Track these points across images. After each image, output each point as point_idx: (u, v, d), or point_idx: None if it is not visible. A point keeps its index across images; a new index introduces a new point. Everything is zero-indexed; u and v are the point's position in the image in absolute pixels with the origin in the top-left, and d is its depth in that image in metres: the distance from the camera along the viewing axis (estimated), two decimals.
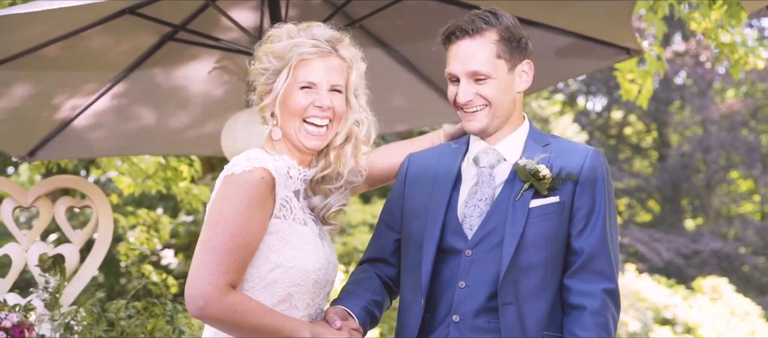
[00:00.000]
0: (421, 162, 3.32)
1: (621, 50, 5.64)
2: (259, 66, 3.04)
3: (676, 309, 17.70)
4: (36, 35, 4.91)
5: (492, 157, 3.16)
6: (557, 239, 3.05)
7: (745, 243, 25.45)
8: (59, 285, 4.90)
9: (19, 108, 5.59)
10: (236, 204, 2.79)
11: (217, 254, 2.76)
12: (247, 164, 2.84)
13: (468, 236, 3.08)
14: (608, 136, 29.13)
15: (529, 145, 3.18)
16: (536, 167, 3.05)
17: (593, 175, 3.08)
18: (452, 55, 3.13)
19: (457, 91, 3.12)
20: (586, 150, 3.13)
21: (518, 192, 3.06)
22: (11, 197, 5.41)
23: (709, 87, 25.99)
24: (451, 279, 3.08)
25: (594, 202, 3.06)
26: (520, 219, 3.02)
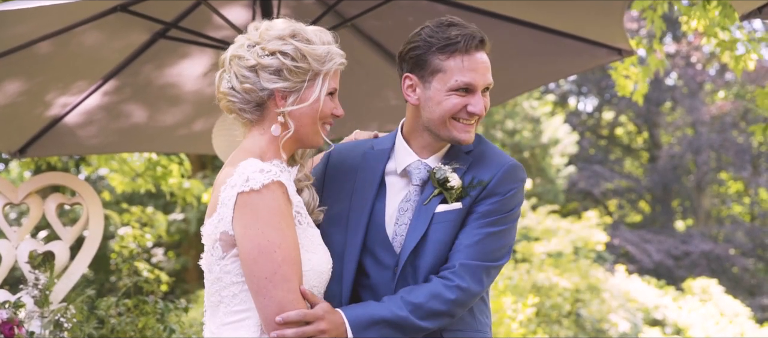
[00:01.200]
0: (342, 159, 3.24)
1: (613, 51, 5.66)
2: (288, 63, 2.91)
3: (665, 310, 17.73)
4: (27, 32, 4.90)
5: (424, 173, 3.11)
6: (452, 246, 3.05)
7: (735, 244, 25.54)
8: (49, 282, 4.88)
9: (10, 104, 5.58)
10: (276, 225, 2.75)
11: (291, 283, 2.74)
12: (263, 178, 2.76)
13: (397, 251, 3.06)
14: (599, 136, 29.21)
15: (453, 151, 3.14)
16: (446, 175, 3.02)
17: (499, 189, 3.03)
18: (469, 64, 3.03)
19: (470, 102, 3.04)
20: (504, 162, 3.09)
21: (427, 197, 3.04)
22: (1, 194, 5.40)
23: (699, 88, 26.08)
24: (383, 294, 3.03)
25: (491, 211, 3.02)
26: (422, 224, 3.01)
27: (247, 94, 2.92)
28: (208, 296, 2.93)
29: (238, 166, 2.83)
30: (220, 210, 2.82)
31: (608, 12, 5.30)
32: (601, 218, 23.46)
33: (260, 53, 2.92)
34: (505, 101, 9.45)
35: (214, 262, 2.86)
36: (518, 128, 22.51)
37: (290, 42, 2.92)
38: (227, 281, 2.85)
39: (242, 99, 2.94)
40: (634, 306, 17.35)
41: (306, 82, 2.93)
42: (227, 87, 2.95)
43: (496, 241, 3.03)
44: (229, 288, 2.85)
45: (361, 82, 6.30)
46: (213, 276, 2.88)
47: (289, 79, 2.91)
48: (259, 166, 2.79)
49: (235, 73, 2.94)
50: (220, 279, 2.85)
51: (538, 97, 23.80)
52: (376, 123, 6.95)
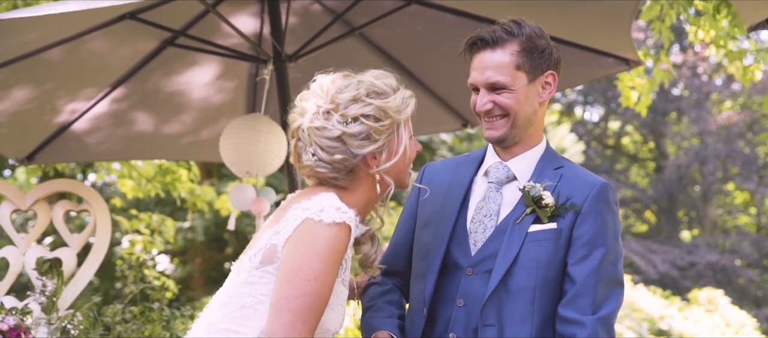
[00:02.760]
0: (436, 171, 3.33)
1: (620, 61, 5.66)
2: (375, 124, 2.87)
3: (671, 321, 17.69)
4: (36, 39, 4.91)
5: (501, 173, 3.15)
6: (551, 266, 3.01)
7: (741, 255, 25.48)
8: (56, 289, 4.89)
9: (19, 111, 5.59)
10: (325, 259, 2.71)
11: (302, 314, 2.70)
12: (337, 216, 2.74)
13: (471, 252, 3.08)
14: (605, 146, 29.18)
15: (541, 166, 3.15)
16: (541, 194, 3.03)
17: (596, 207, 3.03)
18: (473, 64, 3.13)
19: (476, 99, 3.13)
20: (595, 181, 3.08)
21: (520, 215, 3.05)
22: (9, 200, 5.41)
23: (706, 98, 26.05)
24: (451, 296, 3.08)
25: (594, 233, 3.01)
26: (516, 243, 3.01)
27: (338, 164, 2.87)
28: (221, 292, 2.91)
29: (317, 195, 2.81)
30: (281, 224, 2.80)
31: (616, 22, 5.30)
32: None
33: (341, 120, 2.86)
34: None
35: (247, 267, 2.84)
36: None
37: (368, 102, 2.88)
38: (246, 291, 2.82)
39: (333, 168, 2.88)
40: (640, 316, 17.31)
41: (392, 136, 2.93)
42: (312, 160, 2.89)
43: (611, 280, 3.03)
44: (242, 299, 2.82)
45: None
46: (239, 278, 2.85)
47: (378, 139, 2.89)
48: (338, 204, 2.77)
49: (320, 146, 2.87)
50: (242, 286, 2.82)
51: None
52: None
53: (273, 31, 5.44)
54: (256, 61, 5.74)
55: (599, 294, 2.97)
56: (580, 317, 2.95)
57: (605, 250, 3.00)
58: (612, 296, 3.00)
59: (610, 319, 2.98)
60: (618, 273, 3.05)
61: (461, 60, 3.15)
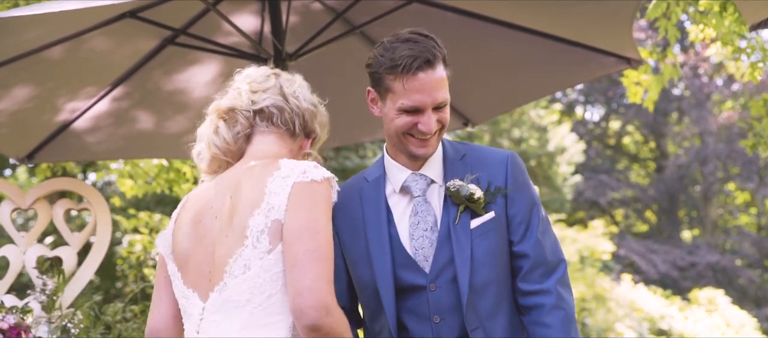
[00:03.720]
0: (342, 204, 3.20)
1: (622, 60, 5.65)
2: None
3: (672, 321, 17.72)
4: (36, 38, 4.91)
5: (422, 183, 3.12)
6: (503, 252, 3.08)
7: (742, 255, 25.48)
8: (57, 288, 4.89)
9: (19, 110, 5.58)
10: (325, 213, 2.80)
11: (325, 264, 2.73)
12: (319, 173, 2.84)
13: (425, 269, 3.05)
14: (606, 145, 29.19)
15: (448, 161, 3.16)
16: (469, 189, 3.04)
17: (518, 182, 3.12)
18: (414, 86, 2.99)
19: (419, 121, 3.02)
20: (504, 156, 3.15)
21: (455, 216, 3.05)
22: (9, 199, 5.41)
23: (707, 98, 26.06)
24: (424, 314, 3.06)
25: (525, 205, 3.11)
26: (465, 243, 3.02)
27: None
28: (232, 293, 2.84)
29: (279, 162, 2.89)
30: (269, 200, 2.82)
31: (617, 21, 5.30)
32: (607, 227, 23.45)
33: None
34: (512, 110, 9.44)
35: (256, 258, 2.81)
36: (525, 137, 22.50)
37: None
38: (266, 279, 2.81)
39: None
40: (640, 315, 17.33)
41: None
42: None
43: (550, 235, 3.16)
44: (266, 289, 2.81)
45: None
46: (250, 273, 2.81)
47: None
48: (310, 163, 2.88)
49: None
50: (259, 276, 2.80)
51: (545, 105, 23.80)
52: (384, 129, 6.96)
53: (273, 29, 5.43)
54: (257, 59, 5.73)
55: (548, 257, 3.09)
56: (541, 286, 3.06)
57: (538, 216, 3.12)
58: (555, 248, 3.13)
59: (565, 276, 3.12)
60: (547, 224, 3.17)
61: (462, 59, 3.13)
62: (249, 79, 3.15)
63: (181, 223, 2.99)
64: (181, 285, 2.93)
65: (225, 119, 3.11)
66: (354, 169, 17.46)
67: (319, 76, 6.24)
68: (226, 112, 3.11)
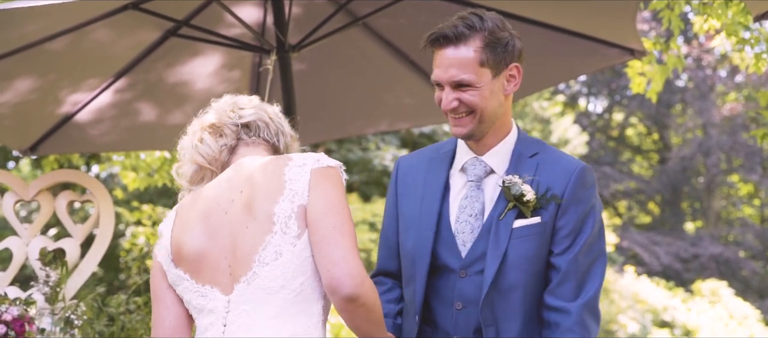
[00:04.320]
0: (410, 165, 3.29)
1: (625, 51, 5.64)
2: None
3: (675, 312, 17.73)
4: (39, 29, 4.91)
5: (479, 169, 3.12)
6: (538, 260, 3.02)
7: (745, 247, 25.48)
8: (60, 279, 4.89)
9: (22, 102, 5.58)
10: (344, 195, 2.89)
11: (353, 238, 2.80)
12: (333, 161, 2.94)
13: (461, 253, 3.06)
14: (609, 137, 29.17)
15: (516, 155, 3.13)
16: (522, 190, 3.00)
17: (576, 196, 3.04)
18: (436, 61, 3.06)
19: (442, 96, 3.07)
20: (573, 167, 3.07)
21: (503, 211, 3.04)
22: (12, 191, 5.41)
23: (710, 90, 26.02)
24: (448, 298, 3.07)
25: (576, 221, 3.03)
26: (502, 241, 3.00)
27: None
28: (264, 281, 2.84)
29: (291, 155, 2.95)
30: (290, 187, 2.86)
31: (620, 12, 5.28)
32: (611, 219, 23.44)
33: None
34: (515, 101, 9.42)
35: (287, 244, 2.83)
36: (528, 128, 22.48)
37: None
38: (298, 265, 2.83)
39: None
40: (643, 307, 17.34)
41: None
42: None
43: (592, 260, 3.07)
44: (298, 276, 2.83)
45: (373, 81, 6.29)
46: (283, 259, 2.83)
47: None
48: (319, 153, 2.96)
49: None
50: (291, 262, 2.83)
51: (548, 97, 23.78)
52: (387, 120, 6.95)
53: (276, 21, 5.43)
54: (260, 51, 5.73)
55: (581, 277, 3.01)
56: (564, 304, 2.98)
57: (587, 235, 3.02)
58: (594, 274, 3.04)
59: (594, 301, 3.02)
60: (599, 246, 3.08)
61: None
62: (233, 100, 3.20)
63: (184, 227, 2.98)
64: (194, 285, 2.93)
65: (210, 131, 3.11)
66: (357, 162, 17.45)
67: (322, 67, 6.25)
68: (210, 126, 3.13)
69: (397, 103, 6.56)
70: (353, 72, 6.30)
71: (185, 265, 2.94)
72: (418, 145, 18.75)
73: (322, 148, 17.15)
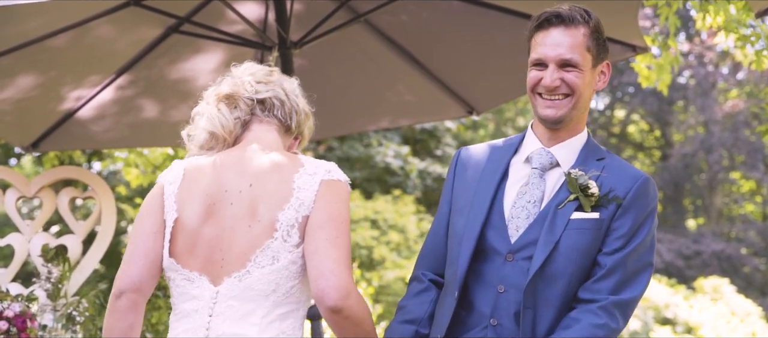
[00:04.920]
0: (470, 155, 3.32)
1: (627, 48, 5.64)
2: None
3: (676, 309, 17.70)
4: (41, 26, 4.91)
5: (545, 159, 3.14)
6: (588, 255, 3.03)
7: (747, 243, 25.46)
8: (62, 276, 4.90)
9: (24, 98, 5.59)
10: (348, 210, 2.93)
11: (346, 251, 2.85)
12: (343, 175, 2.99)
13: (511, 238, 3.07)
14: (611, 134, 29.15)
15: (584, 155, 3.16)
16: (587, 182, 3.04)
17: (637, 202, 3.07)
18: (542, 40, 3.09)
19: (543, 75, 3.08)
20: (638, 175, 3.11)
21: (563, 200, 3.05)
22: (14, 187, 5.41)
23: (712, 87, 25.99)
24: (490, 281, 3.07)
25: (632, 226, 3.05)
26: (558, 229, 3.02)
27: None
28: (256, 282, 2.89)
29: (303, 160, 2.98)
30: (298, 196, 2.90)
31: (622, 8, 5.28)
32: None
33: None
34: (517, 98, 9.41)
35: (286, 250, 2.88)
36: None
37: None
38: (293, 271, 2.89)
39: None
40: (645, 304, 17.32)
41: None
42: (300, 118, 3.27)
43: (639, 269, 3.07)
44: (289, 281, 2.89)
45: (375, 78, 6.29)
46: (278, 265, 2.88)
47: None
48: (331, 163, 3.00)
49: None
50: (286, 268, 2.88)
51: None
52: (389, 117, 6.95)
53: (278, 17, 5.43)
54: (261, 47, 5.73)
55: (624, 279, 3.01)
56: (598, 296, 2.99)
57: (639, 242, 3.04)
58: (639, 281, 3.05)
59: (629, 304, 3.03)
60: (649, 257, 3.10)
61: (467, 47, 3.13)
62: (251, 70, 3.19)
63: (188, 197, 2.99)
64: (176, 265, 2.94)
65: (226, 103, 3.13)
66: (359, 158, 17.46)
67: (323, 64, 6.25)
68: (226, 97, 3.14)
69: (398, 100, 6.56)
70: (355, 69, 6.30)
71: (176, 233, 2.96)
72: (419, 141, 18.76)
73: (324, 144, 17.16)
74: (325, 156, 17.10)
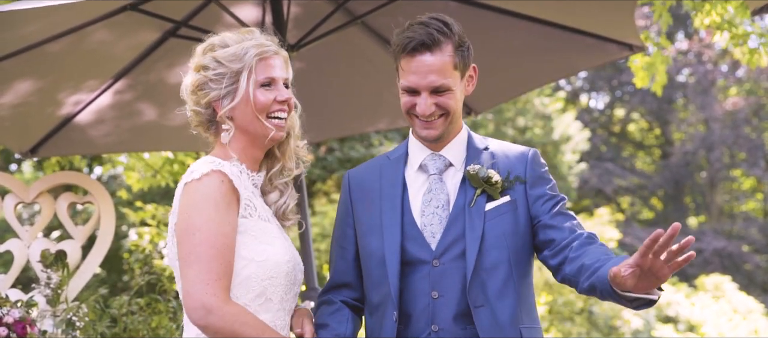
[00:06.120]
0: (362, 176, 3.33)
1: (624, 46, 5.64)
2: (209, 73, 3.05)
3: (678, 307, 17.69)
4: (38, 31, 4.91)
5: (440, 163, 3.19)
6: (516, 234, 3.10)
7: (748, 241, 25.45)
8: (61, 281, 4.90)
9: (22, 104, 5.58)
10: (203, 210, 2.86)
11: (203, 264, 2.82)
12: (204, 168, 2.90)
13: (431, 245, 3.10)
14: (611, 133, 29.14)
15: (471, 149, 3.23)
16: (488, 173, 3.11)
17: (538, 173, 3.18)
18: (411, 68, 3.08)
19: (417, 102, 3.10)
20: (526, 151, 3.22)
21: (472, 198, 3.10)
22: (13, 193, 5.41)
23: (712, 85, 25.99)
24: (422, 290, 3.09)
25: (549, 188, 3.17)
26: (477, 224, 3.07)
27: (195, 117, 3.14)
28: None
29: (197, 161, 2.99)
30: (173, 204, 2.97)
31: (619, 8, 5.29)
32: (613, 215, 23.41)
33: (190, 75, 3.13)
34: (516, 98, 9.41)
35: (174, 258, 2.96)
36: (529, 125, 22.46)
37: (207, 54, 3.08)
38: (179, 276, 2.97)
39: (198, 121, 3.15)
40: None
41: (232, 84, 3.05)
42: (188, 115, 3.18)
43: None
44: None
45: (372, 79, 6.29)
46: (176, 273, 2.97)
47: (214, 87, 3.05)
48: (209, 160, 2.95)
49: (187, 99, 3.16)
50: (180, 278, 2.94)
51: (550, 93, 23.74)
52: (387, 118, 6.95)
53: (275, 20, 5.43)
54: None
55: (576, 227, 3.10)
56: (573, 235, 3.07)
57: (563, 200, 3.17)
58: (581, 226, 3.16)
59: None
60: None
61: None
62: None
63: None
64: None
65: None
66: (359, 159, 17.44)
67: (321, 66, 6.25)
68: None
69: (396, 101, 6.52)
70: (352, 71, 6.30)
71: None
72: None
73: (324, 146, 17.15)
74: (325, 158, 17.10)
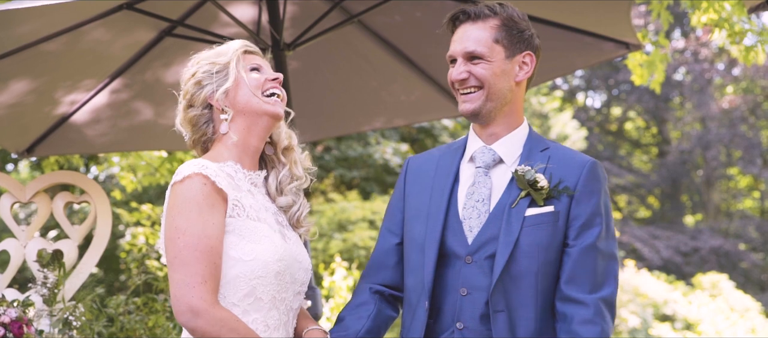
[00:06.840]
0: (420, 163, 3.34)
1: (621, 45, 5.65)
2: (199, 75, 3.15)
3: (675, 306, 17.72)
4: (34, 30, 4.90)
5: (488, 157, 3.16)
6: (550, 248, 3.04)
7: (745, 239, 25.47)
8: (58, 281, 4.88)
9: (17, 104, 5.58)
10: (186, 213, 2.88)
11: (188, 267, 2.85)
12: (188, 170, 2.93)
13: (468, 239, 3.08)
14: (607, 132, 29.15)
15: (528, 148, 3.18)
16: (535, 177, 3.05)
17: (589, 188, 3.08)
18: (454, 38, 3.17)
19: (453, 69, 3.16)
20: (584, 161, 3.13)
21: (515, 198, 3.07)
22: (9, 193, 5.40)
23: (708, 83, 26.01)
24: (453, 285, 3.08)
25: (590, 213, 3.06)
26: (515, 228, 3.03)
27: (195, 124, 3.21)
28: None
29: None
30: (164, 206, 3.00)
31: (615, 6, 5.29)
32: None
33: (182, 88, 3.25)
34: None
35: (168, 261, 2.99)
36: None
37: (193, 66, 3.22)
38: None
39: (196, 132, 3.21)
40: (644, 301, 17.34)
41: (223, 75, 3.14)
42: (186, 137, 3.26)
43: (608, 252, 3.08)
44: None
45: (369, 78, 6.29)
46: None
47: (207, 83, 3.14)
48: (196, 162, 2.97)
49: (183, 118, 3.25)
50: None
51: (547, 92, 23.77)
52: (384, 118, 6.95)
53: (271, 19, 5.43)
54: None
55: (598, 271, 3.01)
56: (582, 296, 2.98)
57: (601, 228, 3.05)
58: (610, 272, 3.05)
59: (612, 299, 3.03)
60: (613, 248, 3.10)
61: None
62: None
63: None
64: None
65: None
66: (357, 158, 17.45)
67: (318, 65, 6.25)
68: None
69: (393, 100, 6.56)
70: (349, 69, 6.30)
71: None
72: (417, 140, 18.75)
73: (321, 145, 17.15)
74: (322, 157, 17.10)
